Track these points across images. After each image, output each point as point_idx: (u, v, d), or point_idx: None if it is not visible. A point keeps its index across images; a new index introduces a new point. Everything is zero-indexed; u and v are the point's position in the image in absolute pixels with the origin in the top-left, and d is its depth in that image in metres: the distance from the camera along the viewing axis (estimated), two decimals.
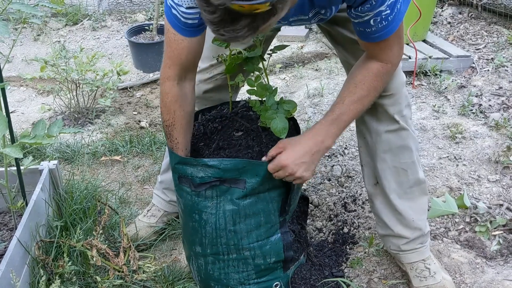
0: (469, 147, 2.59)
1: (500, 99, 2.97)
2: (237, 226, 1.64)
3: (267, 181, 1.60)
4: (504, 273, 1.88)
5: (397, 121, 1.68)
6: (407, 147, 1.72)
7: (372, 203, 1.85)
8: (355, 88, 1.49)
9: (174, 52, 1.50)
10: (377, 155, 1.73)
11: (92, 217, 2.00)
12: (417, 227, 1.78)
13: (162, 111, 1.63)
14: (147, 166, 2.62)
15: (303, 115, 2.99)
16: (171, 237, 2.12)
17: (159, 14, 3.83)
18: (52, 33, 4.37)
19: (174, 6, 1.39)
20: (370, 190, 1.83)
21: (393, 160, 1.72)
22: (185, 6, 1.37)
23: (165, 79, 1.56)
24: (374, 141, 1.72)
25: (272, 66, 3.70)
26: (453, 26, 4.02)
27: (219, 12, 1.05)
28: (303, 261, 1.84)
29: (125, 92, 3.47)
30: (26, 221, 1.71)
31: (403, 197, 1.77)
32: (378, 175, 1.76)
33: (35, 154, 2.64)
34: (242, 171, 1.56)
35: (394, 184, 1.75)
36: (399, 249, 1.82)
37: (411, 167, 1.75)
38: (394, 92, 1.65)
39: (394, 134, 1.70)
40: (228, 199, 1.61)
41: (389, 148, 1.71)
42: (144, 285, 1.84)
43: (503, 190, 2.29)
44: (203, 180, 1.59)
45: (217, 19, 1.07)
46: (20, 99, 3.41)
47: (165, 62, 1.54)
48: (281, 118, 1.63)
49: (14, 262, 1.59)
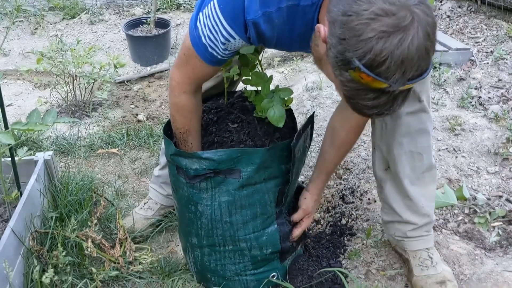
0: (468, 139, 2.57)
1: (500, 91, 2.96)
2: (233, 217, 1.63)
3: (262, 170, 1.58)
4: (503, 264, 1.87)
5: (422, 100, 1.64)
6: (426, 130, 1.69)
7: (380, 188, 1.82)
8: (341, 148, 1.72)
9: (196, 74, 1.55)
10: (394, 139, 1.69)
11: (87, 208, 1.98)
12: (426, 214, 1.77)
13: (177, 119, 1.65)
14: (144, 159, 2.60)
15: (301, 108, 2.98)
16: (167, 229, 2.10)
17: (157, 7, 3.81)
18: (50, 27, 4.34)
19: (213, 47, 1.43)
20: (380, 175, 1.80)
21: (410, 144, 1.69)
22: (228, 50, 1.44)
23: (182, 92, 1.59)
24: (393, 124, 1.68)
25: (270, 60, 3.68)
26: (453, 20, 4.00)
27: (384, 97, 1.10)
28: (300, 252, 1.83)
29: (122, 86, 3.45)
30: (20, 212, 1.70)
31: (416, 183, 1.74)
32: (393, 160, 1.72)
33: (32, 146, 2.62)
34: (236, 160, 1.55)
35: (408, 169, 1.72)
36: (404, 235, 1.80)
37: (427, 151, 1.72)
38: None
39: (414, 117, 1.66)
40: (223, 190, 1.59)
41: (408, 131, 1.68)
42: (140, 276, 1.83)
43: (502, 181, 2.28)
44: (197, 172, 1.58)
45: (381, 103, 1.11)
46: (17, 92, 3.39)
47: (183, 79, 1.57)
48: (277, 107, 1.61)
49: (7, 252, 1.57)
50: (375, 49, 1.03)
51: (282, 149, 1.60)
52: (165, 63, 3.69)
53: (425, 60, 1.07)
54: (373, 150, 1.81)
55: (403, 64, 1.04)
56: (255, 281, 1.73)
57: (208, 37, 1.41)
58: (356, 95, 1.12)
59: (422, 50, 1.05)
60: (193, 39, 1.46)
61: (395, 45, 1.03)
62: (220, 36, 1.39)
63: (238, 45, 1.42)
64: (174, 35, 3.99)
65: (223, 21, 1.36)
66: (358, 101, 1.12)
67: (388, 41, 1.03)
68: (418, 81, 1.10)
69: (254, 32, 1.37)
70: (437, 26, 1.09)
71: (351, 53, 1.06)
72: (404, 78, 1.06)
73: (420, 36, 1.04)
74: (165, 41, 3.72)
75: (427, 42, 1.05)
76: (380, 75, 1.05)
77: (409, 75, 1.06)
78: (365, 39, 1.04)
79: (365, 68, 1.05)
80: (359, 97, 1.12)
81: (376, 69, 1.05)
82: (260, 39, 1.40)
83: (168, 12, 4.54)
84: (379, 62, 1.04)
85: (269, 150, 1.57)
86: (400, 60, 1.04)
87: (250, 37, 1.38)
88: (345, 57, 1.08)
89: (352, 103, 1.15)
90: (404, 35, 1.03)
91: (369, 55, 1.04)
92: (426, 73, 1.10)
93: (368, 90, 1.09)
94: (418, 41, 1.04)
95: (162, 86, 3.43)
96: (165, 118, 3.00)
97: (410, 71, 1.06)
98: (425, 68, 1.09)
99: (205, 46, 1.44)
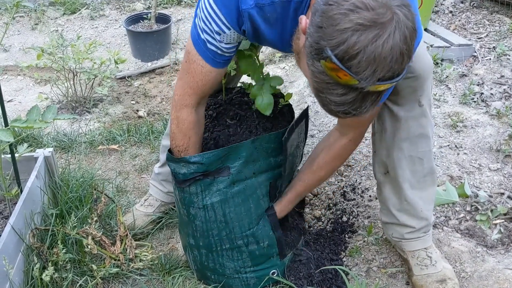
0: (470, 135, 2.56)
1: (502, 87, 2.94)
2: (228, 216, 1.62)
3: (251, 163, 1.57)
4: (505, 262, 1.86)
5: (422, 104, 1.62)
6: (426, 135, 1.67)
7: (379, 190, 1.81)
8: (316, 172, 1.72)
9: (198, 83, 1.52)
10: (394, 144, 1.68)
11: (88, 205, 1.97)
12: (424, 217, 1.76)
13: (176, 136, 1.63)
14: (145, 155, 2.60)
15: (303, 104, 2.97)
16: (168, 226, 2.10)
17: (158, 2, 3.79)
18: (50, 22, 4.33)
19: (211, 41, 1.41)
20: (379, 178, 1.79)
21: (410, 149, 1.67)
22: (224, 42, 1.41)
23: (183, 106, 1.57)
24: (393, 128, 1.66)
25: (271, 56, 3.66)
26: (455, 15, 3.97)
27: (352, 94, 1.07)
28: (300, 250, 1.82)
29: (123, 82, 3.44)
30: (20, 209, 1.69)
31: (416, 186, 1.73)
32: (392, 164, 1.71)
33: (32, 143, 2.62)
34: (224, 159, 1.54)
35: (408, 173, 1.71)
36: (402, 237, 1.80)
37: (427, 156, 1.70)
38: (424, 74, 1.57)
39: (414, 122, 1.64)
40: (214, 191, 1.58)
41: (408, 136, 1.66)
42: (140, 273, 1.82)
43: (504, 178, 2.26)
44: (185, 177, 1.57)
45: (348, 100, 1.08)
46: (17, 88, 3.38)
47: (185, 90, 1.55)
48: (266, 94, 1.61)
49: (7, 249, 1.57)
50: (349, 41, 1.01)
51: (269, 141, 1.59)
52: (166, 58, 3.68)
53: (399, 63, 1.04)
54: (373, 153, 1.80)
55: (375, 61, 1.02)
56: (255, 278, 1.72)
57: (205, 31, 1.41)
58: (325, 89, 1.10)
59: (396, 51, 1.02)
60: (193, 38, 1.46)
61: (369, 40, 1.01)
62: (215, 25, 1.38)
63: (234, 37, 1.41)
64: (175, 31, 3.97)
65: (216, 10, 1.36)
66: (327, 95, 1.10)
67: (363, 35, 1.01)
68: (387, 84, 1.06)
69: (249, 25, 1.36)
70: (416, 35, 1.06)
71: (325, 41, 1.05)
72: (374, 77, 1.03)
73: (396, 37, 1.01)
74: (166, 36, 3.70)
75: (403, 45, 1.03)
76: (351, 69, 1.03)
77: (379, 74, 1.03)
78: (340, 29, 1.02)
79: (336, 59, 1.03)
80: (328, 91, 1.09)
81: (347, 62, 1.03)
82: (256, 34, 1.39)
83: (169, 7, 4.52)
84: (351, 55, 1.02)
85: (254, 142, 1.56)
86: (373, 56, 1.01)
87: (245, 30, 1.38)
88: (319, 46, 1.06)
89: (320, 98, 1.13)
90: (380, 32, 1.01)
91: (342, 46, 1.02)
92: (399, 78, 1.07)
93: (337, 85, 1.07)
94: (394, 41, 1.01)
95: (163, 82, 3.42)
96: (166, 114, 2.99)
97: (382, 71, 1.03)
98: (398, 72, 1.06)
99: (204, 42, 1.43)
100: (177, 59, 3.60)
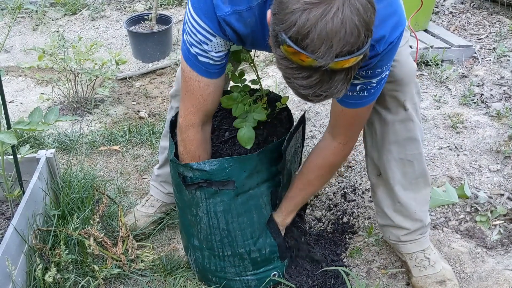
0: (470, 136, 2.57)
1: (502, 88, 2.95)
2: (230, 225, 1.63)
3: (255, 175, 1.58)
4: (504, 262, 1.87)
5: (407, 109, 1.63)
6: (414, 138, 1.68)
7: (373, 193, 1.83)
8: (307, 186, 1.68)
9: (199, 99, 1.51)
10: (383, 146, 1.70)
11: (89, 206, 1.98)
12: (418, 219, 1.76)
13: (185, 157, 1.62)
14: (146, 156, 2.61)
15: (303, 105, 2.97)
16: (169, 226, 2.11)
17: (158, 3, 3.80)
18: (51, 23, 4.34)
19: (201, 53, 1.41)
20: (373, 180, 1.81)
21: (399, 152, 1.69)
22: (214, 51, 1.40)
23: (189, 126, 1.56)
24: (382, 131, 1.68)
25: (272, 56, 3.67)
26: (455, 16, 3.98)
27: (316, 75, 1.06)
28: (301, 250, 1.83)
29: (124, 82, 3.44)
30: (23, 210, 1.70)
31: (408, 188, 1.74)
32: (383, 166, 1.72)
33: (34, 144, 2.63)
34: (229, 170, 1.54)
35: (399, 175, 1.72)
36: (398, 239, 1.81)
37: (418, 158, 1.71)
38: (406, 79, 1.58)
39: (401, 125, 1.65)
40: (218, 201, 1.59)
41: (396, 139, 1.67)
42: (142, 274, 1.84)
43: (504, 180, 2.27)
44: (192, 181, 1.58)
45: (314, 82, 1.07)
46: (18, 89, 3.39)
47: (188, 109, 1.54)
48: (248, 128, 1.60)
49: (10, 250, 1.58)
50: (298, 21, 1.02)
51: (272, 151, 1.60)
52: (166, 59, 3.69)
53: (354, 36, 1.02)
54: (365, 156, 1.82)
55: (328, 36, 1.01)
56: (256, 280, 1.73)
57: (193, 44, 1.40)
58: (290, 74, 1.10)
59: (349, 24, 1.01)
60: (184, 55, 1.46)
61: (317, 17, 1.00)
62: (200, 36, 1.38)
63: (221, 43, 1.40)
64: (175, 32, 3.98)
65: (198, 20, 1.36)
66: (294, 80, 1.10)
67: (311, 13, 1.00)
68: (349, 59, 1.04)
69: (230, 30, 1.36)
70: (374, 9, 1.05)
71: (279, 26, 1.05)
72: (331, 53, 1.02)
73: (346, 10, 1.00)
74: (166, 37, 3.71)
75: (355, 17, 1.01)
76: (306, 49, 1.03)
77: (336, 50, 1.02)
78: (290, 11, 1.02)
79: (290, 41, 1.03)
80: (293, 75, 1.09)
81: (302, 42, 1.03)
82: (238, 38, 1.39)
83: (170, 8, 4.53)
84: (303, 35, 1.02)
85: (259, 154, 1.57)
86: (324, 32, 1.00)
87: (228, 35, 1.37)
88: (275, 32, 1.07)
89: (289, 83, 1.13)
90: (328, 7, 1.00)
91: (294, 27, 1.02)
92: (360, 52, 1.05)
93: (301, 68, 1.07)
94: (344, 14, 1.00)
95: (164, 82, 3.43)
96: (166, 114, 2.99)
97: (337, 46, 1.02)
98: (357, 46, 1.04)
99: (195, 56, 1.42)
100: (178, 60, 3.61)
